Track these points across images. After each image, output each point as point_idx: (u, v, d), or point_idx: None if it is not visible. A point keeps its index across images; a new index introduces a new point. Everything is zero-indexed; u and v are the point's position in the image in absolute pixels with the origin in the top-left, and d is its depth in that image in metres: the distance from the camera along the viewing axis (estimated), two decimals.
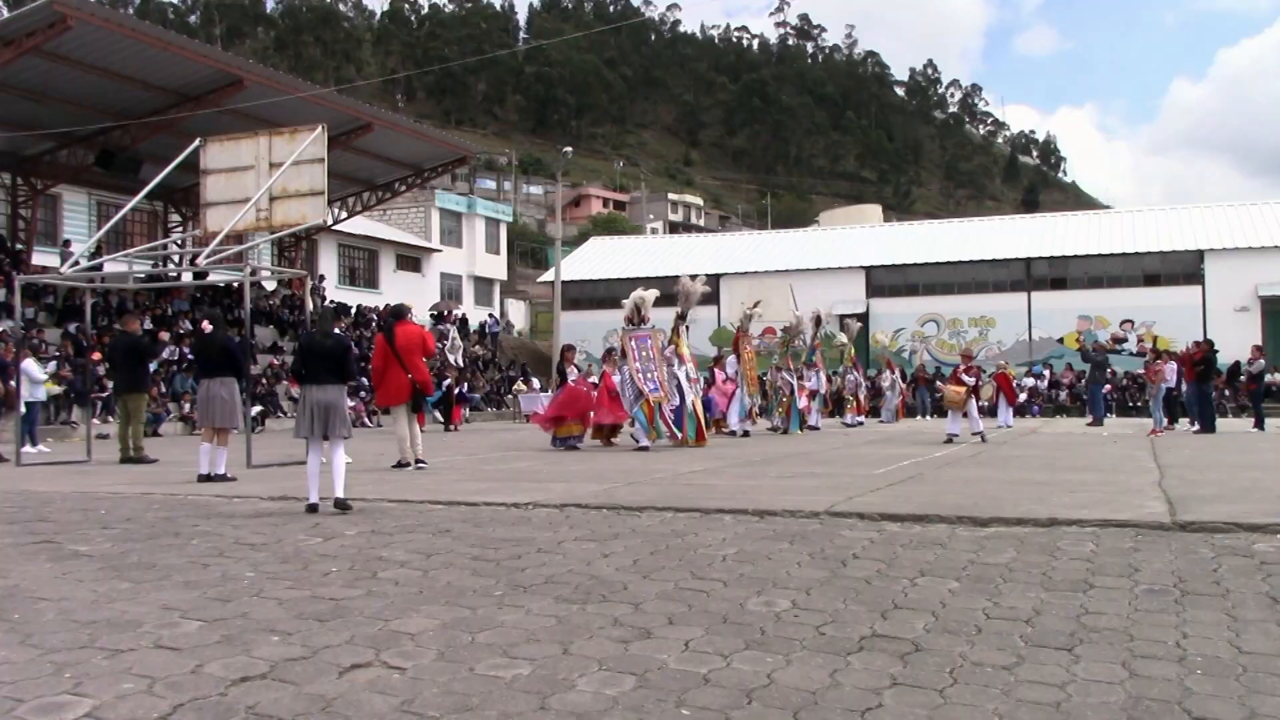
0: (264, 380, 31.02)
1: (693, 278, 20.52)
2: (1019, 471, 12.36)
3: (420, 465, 13.69)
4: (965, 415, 19.20)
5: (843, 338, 31.13)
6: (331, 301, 40.28)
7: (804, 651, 4.62)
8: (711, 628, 4.97)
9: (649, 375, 18.31)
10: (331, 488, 9.12)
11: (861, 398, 30.74)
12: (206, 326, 12.90)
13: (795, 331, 27.54)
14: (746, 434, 22.44)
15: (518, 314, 63.41)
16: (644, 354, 18.44)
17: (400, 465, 13.81)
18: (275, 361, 32.57)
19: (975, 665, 4.43)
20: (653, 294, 19.09)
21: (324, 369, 9.20)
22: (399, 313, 14.45)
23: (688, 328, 20.20)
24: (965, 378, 19.15)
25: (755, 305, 24.97)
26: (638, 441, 17.74)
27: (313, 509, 9.01)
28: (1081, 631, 4.89)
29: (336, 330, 9.92)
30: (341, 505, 8.97)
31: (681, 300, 20.00)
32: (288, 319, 36.99)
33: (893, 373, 33.44)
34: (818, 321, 29.06)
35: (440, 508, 9.16)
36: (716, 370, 24.70)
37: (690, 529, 7.70)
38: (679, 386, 18.95)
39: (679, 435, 18.65)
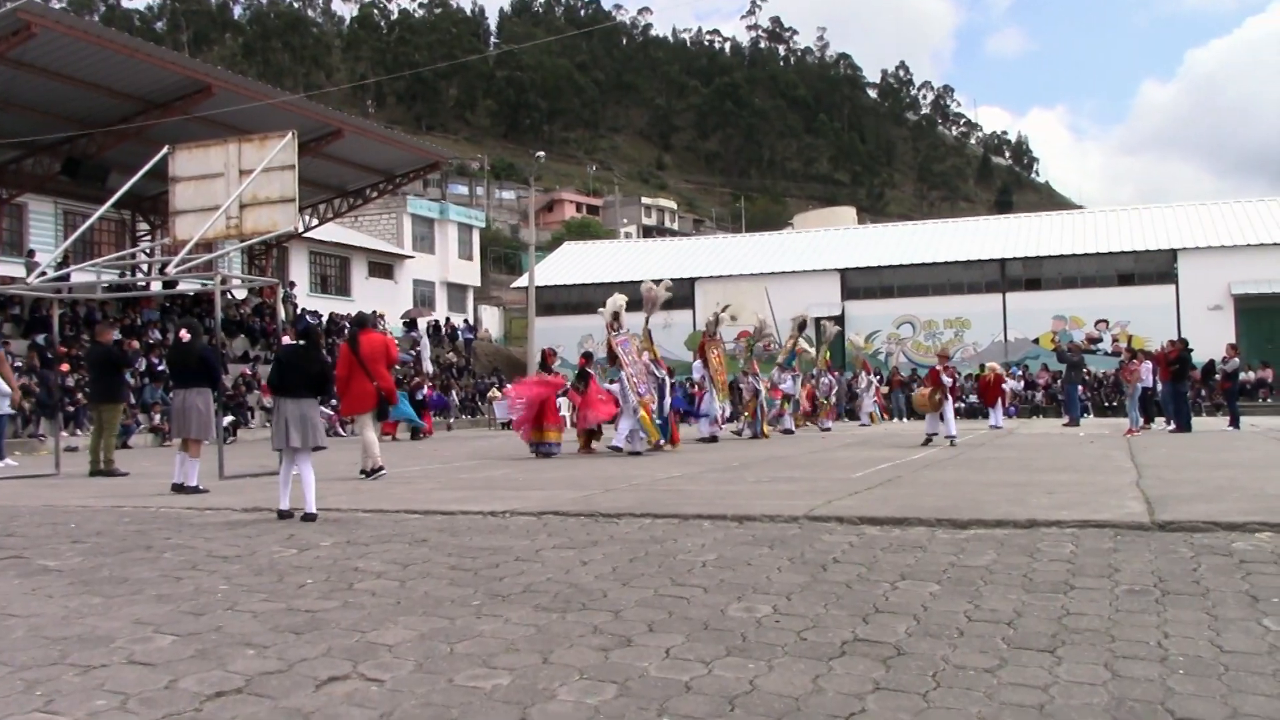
0: (236, 390, 30.80)
1: (656, 283, 20.55)
2: (997, 473, 12.40)
3: (378, 474, 13.63)
4: (941, 417, 19.24)
5: (811, 351, 31.07)
6: (304, 311, 40.04)
7: (786, 657, 4.61)
8: (692, 634, 4.96)
9: (640, 379, 18.38)
10: (302, 498, 9.20)
11: (832, 401, 30.77)
12: (185, 335, 12.79)
13: (761, 335, 27.56)
14: (714, 438, 22.43)
15: (492, 320, 63.31)
16: (630, 357, 18.53)
17: (366, 473, 13.76)
18: (247, 371, 32.39)
19: (958, 668, 4.44)
20: (623, 298, 19.06)
21: (301, 384, 9.50)
22: (362, 321, 14.41)
23: (649, 333, 20.21)
24: (945, 378, 19.19)
25: (725, 309, 25.00)
26: (620, 449, 17.68)
27: (284, 515, 9.18)
28: (1063, 633, 4.91)
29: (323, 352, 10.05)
30: (309, 519, 9.08)
31: (646, 305, 20.02)
32: (259, 328, 36.78)
33: (869, 375, 33.53)
34: (801, 326, 29.09)
35: (416, 517, 9.12)
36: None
37: (669, 535, 7.69)
38: (659, 389, 18.98)
39: (662, 441, 18.69)
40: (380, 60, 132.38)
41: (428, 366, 36.76)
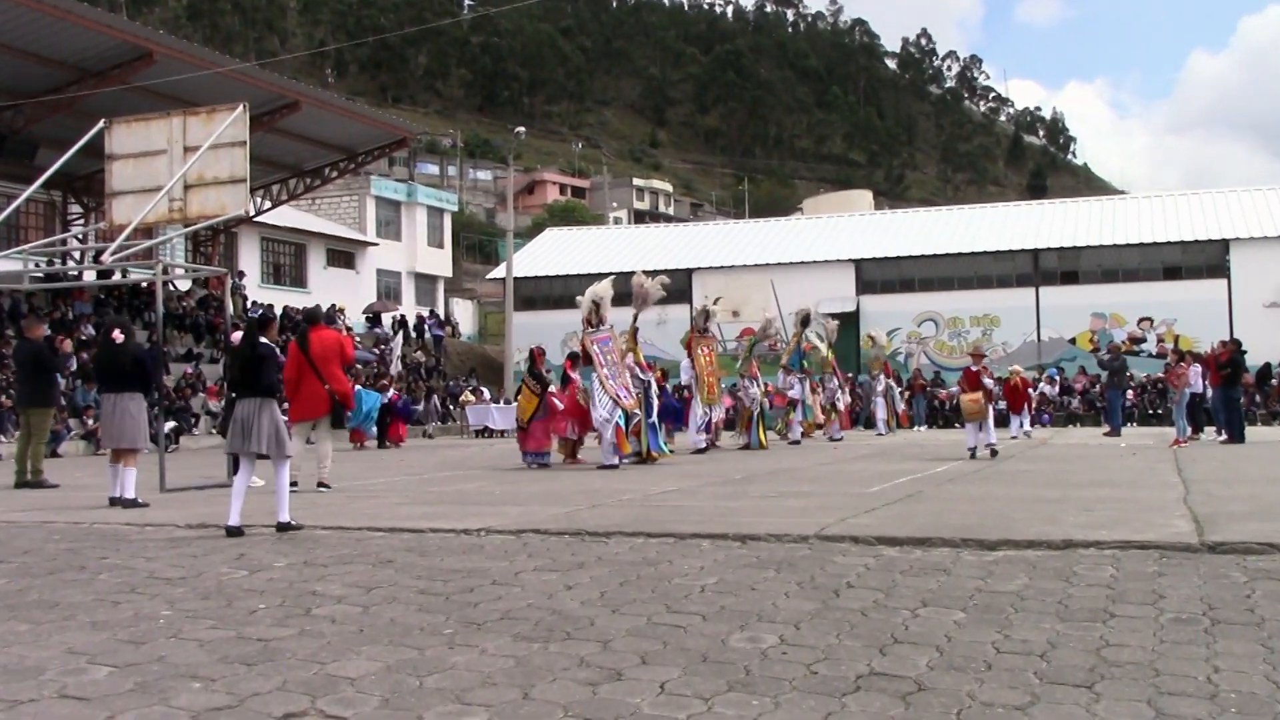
0: (179, 392, 30.74)
1: (650, 275, 20.47)
2: (1029, 488, 12.43)
3: (324, 489, 13.63)
4: (980, 426, 18.95)
5: (821, 348, 31.05)
6: (257, 305, 40.00)
7: (794, 693, 4.62)
8: (690, 667, 4.97)
9: (619, 381, 18.25)
10: (276, 510, 9.45)
11: (841, 407, 30.71)
12: (118, 335, 12.78)
13: (765, 334, 27.54)
14: (703, 450, 22.39)
15: (465, 315, 63.28)
16: (609, 358, 18.37)
17: (322, 486, 13.77)
18: (190, 371, 32.34)
19: (985, 706, 4.45)
20: (609, 287, 18.98)
21: (246, 380, 9.70)
22: (314, 317, 14.40)
23: (637, 330, 20.19)
24: (987, 381, 19.02)
25: (716, 300, 24.98)
26: (605, 461, 17.69)
27: (234, 533, 9.22)
28: (1102, 666, 4.92)
29: (264, 339, 10.12)
30: (286, 529, 9.31)
31: (637, 302, 19.96)
32: (204, 323, 36.74)
33: (887, 378, 33.47)
34: (805, 322, 29.02)
35: (381, 535, 9.12)
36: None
37: (664, 556, 7.70)
38: (644, 396, 19.00)
39: (649, 451, 18.70)
40: (341, 24, 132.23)
41: (397, 367, 36.79)
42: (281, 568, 7.58)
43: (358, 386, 29.02)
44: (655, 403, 19.65)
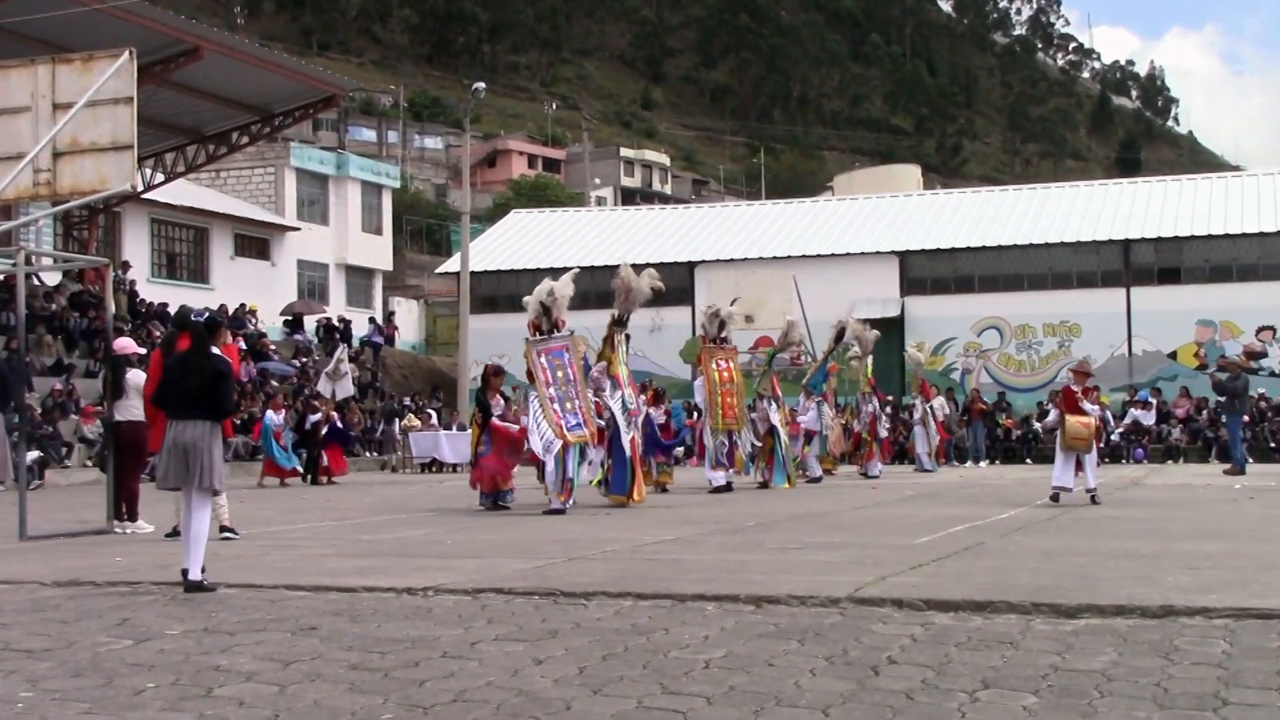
0: (47, 414, 30.64)
1: (637, 268, 20.43)
2: (1118, 540, 12.45)
3: (229, 535, 13.60)
4: (1080, 464, 18.45)
5: (864, 363, 31.04)
6: (146, 304, 39.92)
7: None
8: None
9: (569, 405, 18.02)
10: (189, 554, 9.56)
11: (881, 434, 30.66)
12: None
13: (786, 343, 27.52)
14: (727, 487, 22.52)
15: (409, 319, 63.13)
16: (560, 374, 18.18)
17: (175, 533, 13.70)
18: (58, 386, 32.23)
19: None
20: (568, 284, 18.88)
21: (188, 398, 9.84)
22: (184, 320, 14.36)
23: (628, 337, 20.13)
24: (1086, 406, 18.47)
25: (733, 302, 24.97)
26: (551, 504, 17.57)
27: (194, 588, 9.45)
28: None
29: (216, 350, 10.40)
30: (195, 589, 9.39)
31: (619, 299, 19.91)
32: (79, 326, 36.62)
33: (926, 401, 33.37)
34: (840, 336, 28.98)
35: (302, 595, 9.11)
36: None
37: (658, 623, 7.69)
38: (613, 421, 18.93)
39: (622, 493, 18.69)
40: None
41: (342, 390, 36.53)
42: (175, 636, 7.56)
43: (269, 415, 28.96)
44: (630, 433, 19.38)
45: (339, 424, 31.86)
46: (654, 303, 20.89)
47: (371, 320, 52.03)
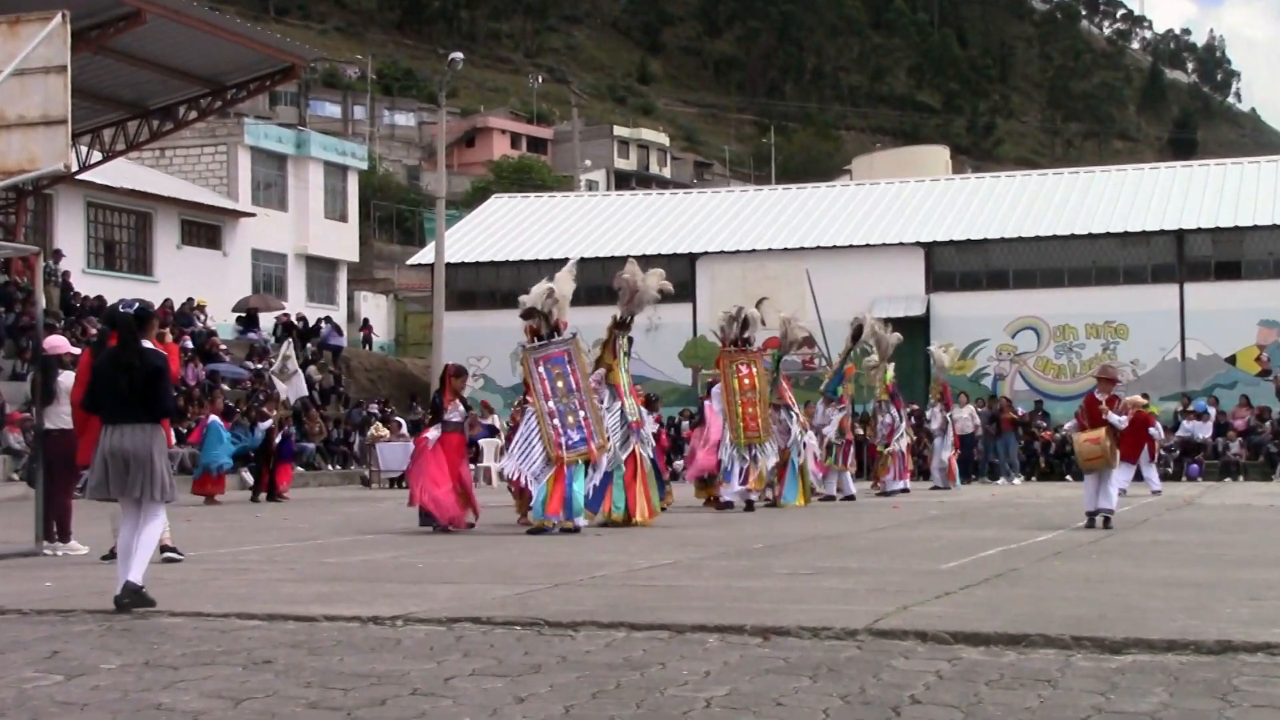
0: None
1: (643, 266, 20.39)
2: (1169, 566, 12.44)
3: (172, 557, 13.56)
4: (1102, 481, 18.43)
5: (888, 371, 30.98)
6: (81, 297, 39.87)
7: None
8: None
9: (570, 420, 17.96)
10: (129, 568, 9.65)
11: (902, 448, 30.54)
12: None
13: (794, 340, 27.49)
14: (749, 506, 22.52)
15: (378, 315, 63.11)
16: (560, 384, 18.13)
17: (113, 555, 13.66)
18: None
19: None
20: (568, 281, 18.83)
21: (121, 400, 9.87)
22: (115, 318, 14.32)
23: (630, 340, 20.10)
24: (1113, 417, 18.34)
25: (759, 303, 24.94)
26: (549, 525, 17.49)
27: (126, 603, 9.50)
28: None
29: (148, 344, 10.30)
30: (133, 598, 9.55)
31: (623, 300, 19.88)
32: (4, 322, 36.55)
33: (946, 410, 33.30)
34: (858, 335, 28.96)
35: (255, 624, 9.08)
36: (710, 407, 24.64)
37: (653, 657, 7.67)
38: (623, 434, 18.96)
39: (630, 512, 18.67)
40: None
41: (294, 390, 36.41)
42: (112, 670, 7.52)
43: (213, 418, 28.75)
44: (631, 446, 19.35)
45: (290, 433, 31.70)
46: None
47: (327, 320, 51.60)
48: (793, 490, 24.53)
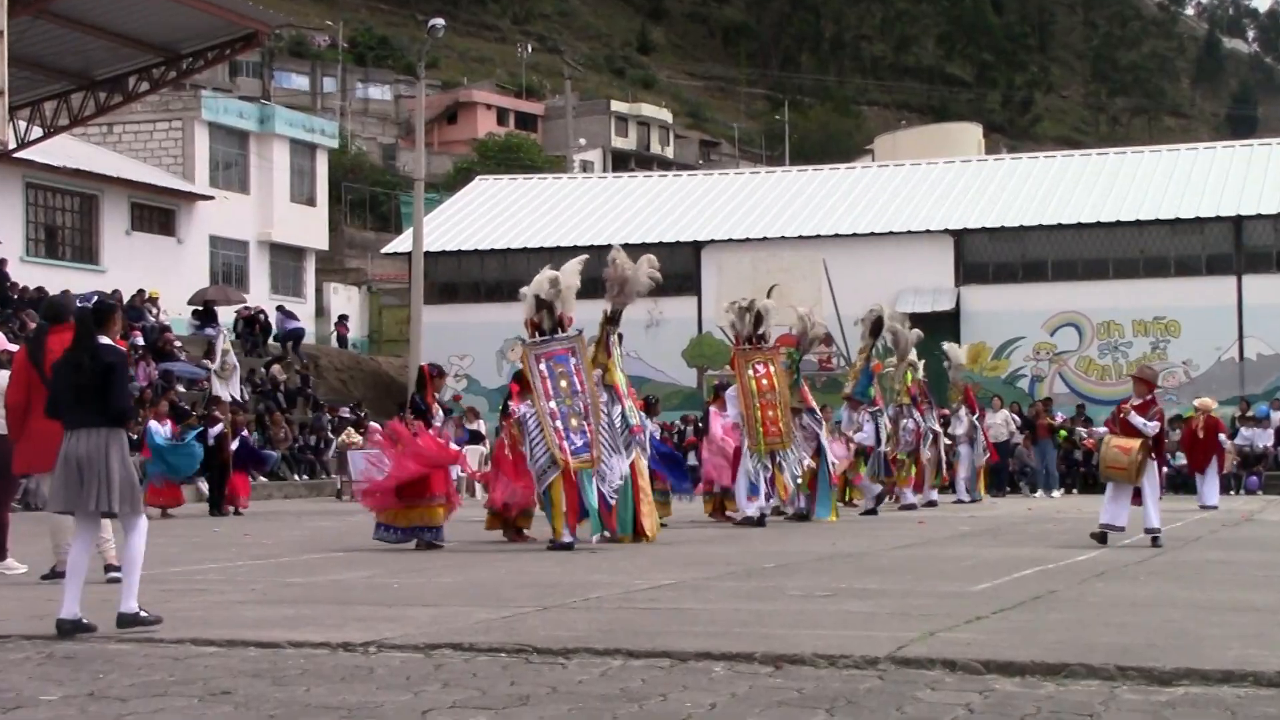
0: None
1: (632, 253, 20.40)
2: (1225, 589, 12.46)
3: (117, 576, 13.52)
4: (1138, 495, 18.40)
5: (913, 364, 30.98)
6: (19, 288, 39.84)
7: None
8: None
9: (574, 423, 17.96)
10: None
11: (925, 456, 30.47)
12: None
13: (809, 341, 27.46)
14: (761, 520, 22.56)
15: (350, 308, 62.96)
16: (564, 384, 18.15)
17: (55, 574, 13.63)
18: None
19: None
20: (573, 274, 18.77)
21: (77, 402, 9.94)
22: (57, 311, 14.31)
23: (620, 336, 20.10)
24: (1138, 420, 18.25)
25: (770, 291, 24.92)
26: (556, 540, 17.56)
27: (70, 630, 9.52)
28: None
29: (106, 340, 10.24)
30: (129, 620, 9.63)
31: (612, 291, 19.88)
32: None
33: (971, 414, 33.17)
34: (875, 330, 28.92)
35: (213, 651, 9.08)
36: (714, 413, 24.63)
37: (653, 688, 7.67)
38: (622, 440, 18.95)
39: (614, 530, 18.66)
40: None
41: (228, 390, 36.37)
42: (54, 703, 7.51)
43: (151, 423, 28.46)
44: (631, 454, 19.35)
45: (246, 438, 31.63)
46: (652, 292, 20.75)
47: (280, 309, 51.41)
48: (826, 504, 24.52)
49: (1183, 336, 46.14)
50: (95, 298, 10.66)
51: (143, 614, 9.78)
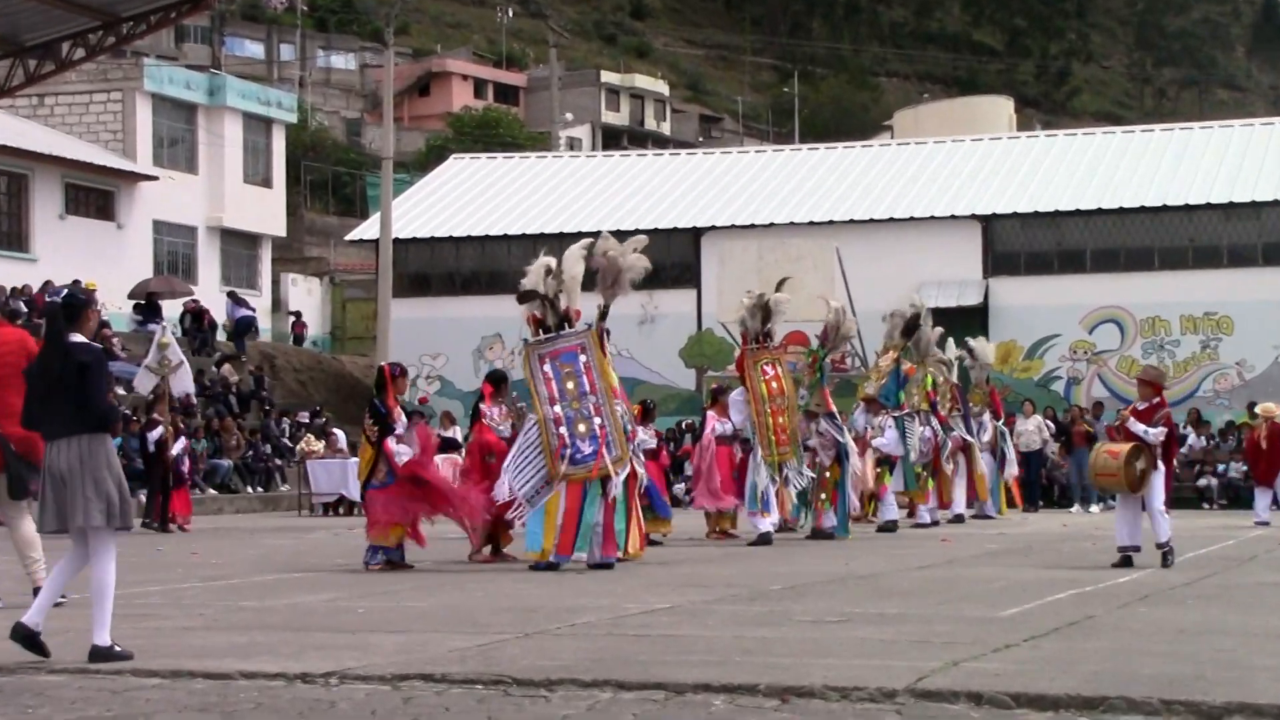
0: None
1: (620, 238, 20.42)
2: (1277, 615, 12.47)
3: (58, 601, 13.51)
4: (1144, 507, 18.46)
5: (949, 366, 31.03)
6: (67, 289, 39.94)
7: None
8: None
9: (582, 428, 17.93)
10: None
11: (948, 469, 30.49)
12: None
13: (838, 339, 27.46)
14: (765, 538, 22.59)
15: (308, 303, 63.04)
16: (570, 385, 18.13)
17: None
18: None
19: None
20: (576, 262, 18.88)
21: (56, 410, 9.94)
22: (45, 309, 14.29)
23: (607, 332, 20.13)
24: (1139, 427, 18.30)
25: (780, 285, 24.92)
26: (541, 560, 17.57)
27: (21, 637, 9.74)
28: None
29: (78, 337, 10.18)
30: (103, 654, 9.62)
31: (605, 283, 19.92)
32: None
33: (996, 418, 33.15)
34: (910, 329, 28.91)
35: (156, 683, 9.08)
36: (712, 417, 24.66)
37: None
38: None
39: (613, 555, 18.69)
40: None
41: (179, 384, 36.27)
42: None
43: None
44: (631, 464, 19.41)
45: (191, 447, 31.53)
46: (646, 283, 20.79)
47: (231, 295, 51.14)
48: (844, 520, 24.54)
49: (1236, 334, 46.12)
50: (65, 292, 10.64)
51: (116, 648, 9.73)
